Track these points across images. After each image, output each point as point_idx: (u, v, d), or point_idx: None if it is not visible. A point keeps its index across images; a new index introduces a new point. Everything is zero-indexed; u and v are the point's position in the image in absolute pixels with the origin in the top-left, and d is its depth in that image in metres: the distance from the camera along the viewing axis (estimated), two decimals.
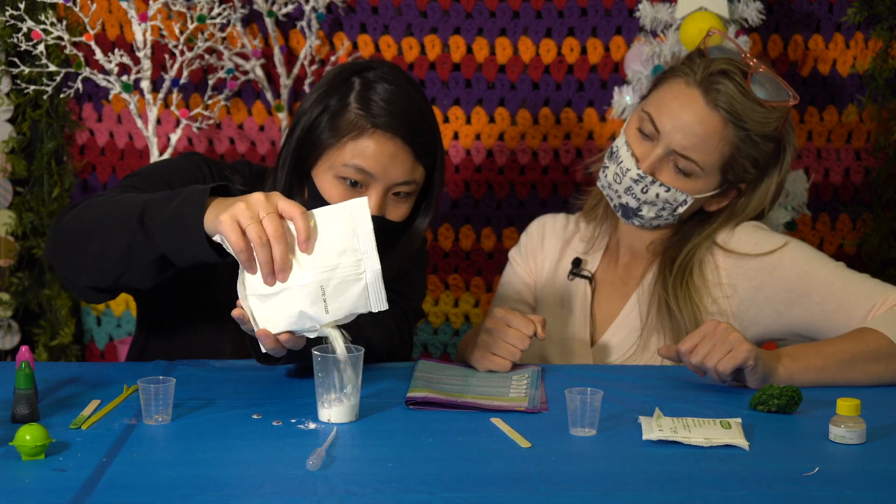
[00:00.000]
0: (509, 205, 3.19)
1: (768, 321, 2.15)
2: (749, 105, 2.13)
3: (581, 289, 2.30)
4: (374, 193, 2.08)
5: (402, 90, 2.10)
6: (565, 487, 1.53)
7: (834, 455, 1.67)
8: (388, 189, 2.09)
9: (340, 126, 2.08)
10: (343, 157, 2.08)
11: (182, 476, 1.54)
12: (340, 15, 3.14)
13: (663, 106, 2.16)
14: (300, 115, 2.14)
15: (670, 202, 2.16)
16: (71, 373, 1.99)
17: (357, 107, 2.08)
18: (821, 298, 2.10)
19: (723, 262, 2.19)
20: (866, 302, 2.07)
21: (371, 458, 1.63)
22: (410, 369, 2.05)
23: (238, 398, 1.87)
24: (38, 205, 3.16)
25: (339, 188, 2.09)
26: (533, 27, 3.13)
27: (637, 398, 1.90)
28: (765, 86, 2.15)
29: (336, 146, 2.09)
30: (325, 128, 2.10)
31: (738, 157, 2.15)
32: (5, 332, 3.22)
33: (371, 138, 2.07)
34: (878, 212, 3.21)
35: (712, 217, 2.23)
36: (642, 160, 2.15)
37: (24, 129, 3.15)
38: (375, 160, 2.06)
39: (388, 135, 2.07)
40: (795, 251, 2.15)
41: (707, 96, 2.13)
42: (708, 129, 2.12)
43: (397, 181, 2.09)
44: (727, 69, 2.13)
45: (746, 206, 2.23)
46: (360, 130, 2.07)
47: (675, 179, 2.15)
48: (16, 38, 2.94)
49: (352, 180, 2.08)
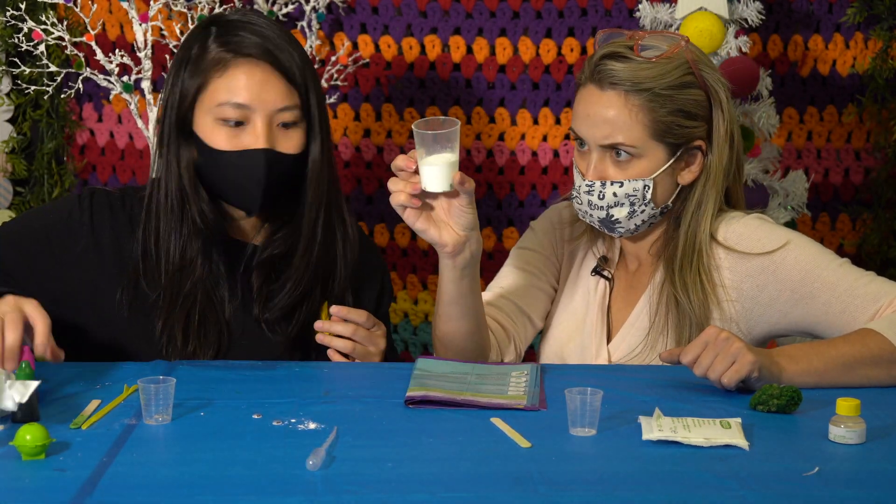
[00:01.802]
0: (509, 205, 3.19)
1: (773, 320, 2.15)
2: (636, 66, 2.11)
3: (601, 288, 2.29)
4: (258, 125, 2.07)
5: (257, 21, 2.13)
6: (565, 487, 1.53)
7: (834, 455, 1.67)
8: (271, 118, 2.08)
9: (203, 67, 2.09)
10: (215, 97, 2.08)
11: (182, 476, 1.54)
12: (340, 15, 3.14)
13: (576, 117, 2.18)
14: (167, 84, 2.15)
15: (632, 194, 2.14)
16: (71, 373, 1.99)
17: (217, 45, 2.10)
18: (825, 300, 2.09)
19: (725, 262, 2.17)
20: (872, 304, 2.06)
21: (371, 458, 1.63)
22: (410, 369, 2.05)
23: (238, 398, 1.87)
24: (37, 205, 3.17)
25: (222, 132, 2.08)
26: (533, 27, 3.14)
27: (637, 398, 1.90)
28: (656, 45, 2.14)
29: (205, 89, 2.09)
30: (189, 77, 2.11)
31: (661, 117, 2.12)
32: None
33: (237, 69, 2.08)
34: (878, 212, 3.21)
35: (693, 188, 2.20)
36: (587, 172, 2.16)
37: (24, 129, 3.15)
38: (248, 90, 2.07)
39: (251, 61, 2.08)
40: (799, 250, 2.14)
41: (597, 83, 2.13)
42: (612, 109, 2.12)
43: (276, 107, 2.08)
44: (609, 51, 2.13)
45: (715, 161, 2.17)
46: (224, 64, 2.08)
47: (620, 171, 2.14)
48: (16, 39, 2.94)
49: (233, 121, 2.08)
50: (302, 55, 2.14)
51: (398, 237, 3.20)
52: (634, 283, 2.28)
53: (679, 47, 2.14)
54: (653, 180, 2.14)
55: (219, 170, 2.11)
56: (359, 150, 3.18)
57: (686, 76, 2.14)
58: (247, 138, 2.09)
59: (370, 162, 3.18)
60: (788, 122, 3.21)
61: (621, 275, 2.30)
